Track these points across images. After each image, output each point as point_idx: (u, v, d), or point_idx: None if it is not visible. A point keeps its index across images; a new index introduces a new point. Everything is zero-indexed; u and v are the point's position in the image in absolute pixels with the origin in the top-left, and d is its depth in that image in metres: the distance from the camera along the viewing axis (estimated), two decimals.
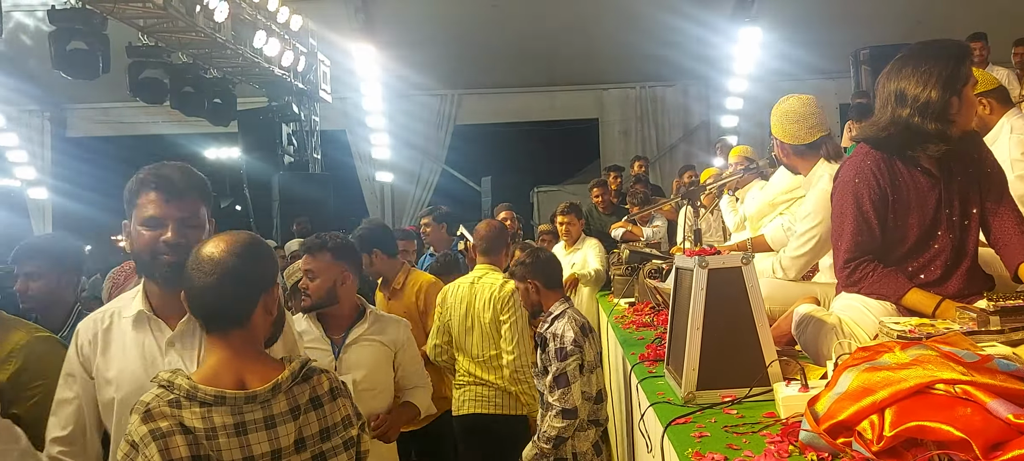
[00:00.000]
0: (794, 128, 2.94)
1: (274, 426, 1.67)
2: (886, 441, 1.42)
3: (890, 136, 2.25)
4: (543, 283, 3.45)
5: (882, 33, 8.94)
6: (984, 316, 1.85)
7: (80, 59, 6.95)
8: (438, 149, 12.45)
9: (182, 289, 1.75)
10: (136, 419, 1.60)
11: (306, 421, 1.73)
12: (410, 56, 11.01)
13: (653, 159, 11.72)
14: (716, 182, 4.72)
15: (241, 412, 1.65)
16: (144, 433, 1.58)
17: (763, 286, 2.13)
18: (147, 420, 1.59)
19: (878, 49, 8.19)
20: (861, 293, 2.28)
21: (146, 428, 1.58)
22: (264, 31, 8.77)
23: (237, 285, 1.71)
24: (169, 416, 1.60)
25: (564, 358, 3.24)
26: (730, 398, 2.01)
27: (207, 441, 1.61)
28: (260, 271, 1.76)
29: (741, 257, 2.07)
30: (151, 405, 1.61)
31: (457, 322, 3.94)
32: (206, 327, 1.75)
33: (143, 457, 1.57)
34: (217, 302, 1.70)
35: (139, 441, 1.58)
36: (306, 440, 1.73)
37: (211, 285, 1.69)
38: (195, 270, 1.71)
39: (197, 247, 1.76)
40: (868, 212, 2.27)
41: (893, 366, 1.51)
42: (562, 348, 3.26)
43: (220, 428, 1.62)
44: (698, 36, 10.49)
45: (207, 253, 1.72)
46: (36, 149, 12.26)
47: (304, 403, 1.74)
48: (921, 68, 2.20)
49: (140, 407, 1.61)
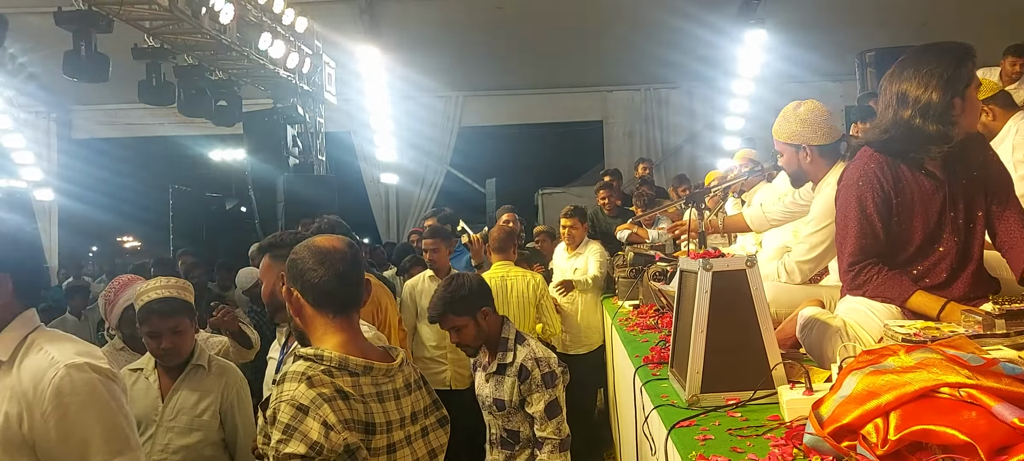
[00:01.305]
0: (822, 130, 2.85)
1: (399, 398, 1.87)
2: (891, 445, 1.41)
3: (892, 139, 2.24)
4: (491, 309, 3.18)
5: (888, 35, 8.93)
6: (990, 319, 1.84)
7: (88, 62, 6.97)
8: (443, 151, 12.46)
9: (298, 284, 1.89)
10: (298, 386, 1.70)
11: (415, 398, 1.93)
12: (415, 58, 11.02)
13: (658, 161, 11.72)
14: (721, 185, 4.71)
15: (379, 383, 1.83)
16: (313, 396, 1.69)
17: (768, 289, 2.12)
18: (312, 386, 1.70)
19: (884, 51, 8.18)
20: (866, 296, 2.27)
21: (314, 392, 1.69)
22: (269, 33, 8.79)
23: (359, 270, 1.93)
24: (328, 383, 1.73)
25: (553, 383, 3.05)
26: (734, 401, 2.01)
27: (361, 405, 1.76)
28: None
29: (745, 260, 2.06)
30: (308, 373, 1.73)
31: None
32: (339, 310, 1.88)
33: (315, 417, 1.66)
34: (351, 286, 1.90)
35: (309, 403, 1.67)
36: (417, 414, 1.92)
37: (346, 272, 1.88)
38: (326, 260, 1.87)
39: (316, 242, 1.91)
40: (872, 215, 2.26)
41: (898, 369, 1.51)
42: (551, 372, 3.07)
43: (368, 395, 1.79)
44: (703, 38, 10.46)
45: (333, 246, 1.90)
46: (42, 150, 12.30)
47: (413, 381, 1.95)
48: (923, 70, 2.19)
49: (295, 376, 1.72)
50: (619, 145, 12.43)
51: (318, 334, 1.88)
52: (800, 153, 2.90)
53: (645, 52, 10.80)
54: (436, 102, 12.36)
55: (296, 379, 1.72)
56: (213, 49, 8.50)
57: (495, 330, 3.18)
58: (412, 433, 1.87)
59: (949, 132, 2.17)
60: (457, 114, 12.42)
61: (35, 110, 12.13)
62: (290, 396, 1.69)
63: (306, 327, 1.91)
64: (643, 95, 12.40)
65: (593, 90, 12.48)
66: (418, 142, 12.30)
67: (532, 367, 3.06)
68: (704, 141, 12.24)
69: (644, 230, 6.54)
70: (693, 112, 12.35)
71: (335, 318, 1.88)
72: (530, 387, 3.05)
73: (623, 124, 12.49)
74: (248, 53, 8.66)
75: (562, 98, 12.58)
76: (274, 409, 1.69)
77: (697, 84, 12.14)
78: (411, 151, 12.32)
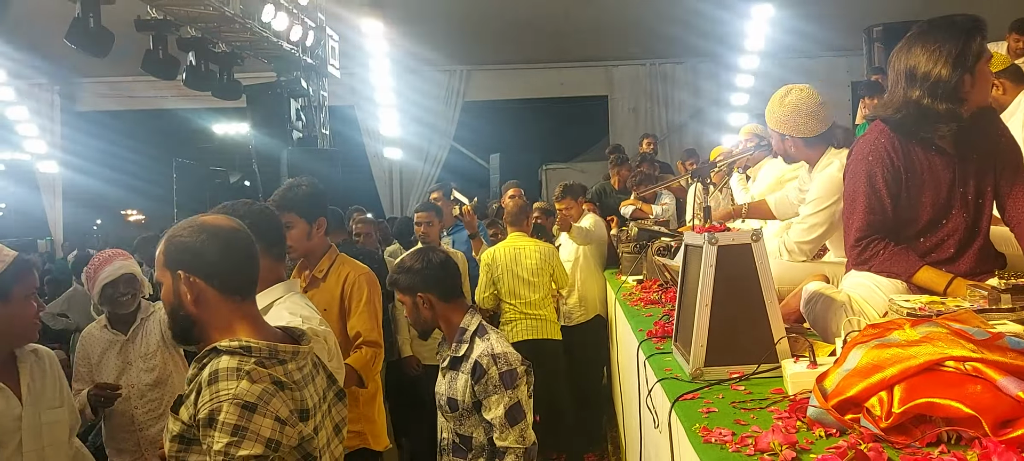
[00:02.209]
0: (807, 122, 2.85)
1: (314, 379, 1.81)
2: (895, 417, 1.42)
3: (903, 118, 2.22)
4: (438, 295, 2.78)
5: (894, 8, 8.81)
6: (995, 294, 1.84)
7: (94, 33, 6.93)
8: (447, 125, 12.42)
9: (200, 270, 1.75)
10: (240, 383, 1.59)
11: (319, 376, 1.86)
12: (419, 31, 10.95)
13: (662, 137, 11.66)
14: (726, 160, 4.69)
15: (301, 367, 1.77)
16: (260, 391, 1.60)
17: (772, 266, 2.12)
18: (253, 381, 1.60)
19: (890, 25, 8.11)
20: (872, 271, 2.26)
21: (260, 387, 1.60)
22: (272, 5, 8.72)
23: (257, 249, 1.85)
24: (265, 376, 1.63)
25: (514, 383, 2.66)
26: (738, 374, 2.01)
27: (298, 393, 1.70)
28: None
29: (751, 234, 2.06)
30: (243, 367, 1.62)
31: (508, 277, 5.22)
32: (248, 293, 1.80)
33: (266, 414, 1.58)
34: (257, 267, 1.83)
35: (256, 400, 1.58)
36: (325, 392, 1.85)
37: (254, 252, 1.82)
38: (232, 240, 1.78)
39: (207, 222, 1.79)
40: (881, 190, 2.24)
41: (903, 343, 1.51)
42: (511, 370, 2.67)
43: (298, 382, 1.73)
44: (709, 13, 10.36)
45: (229, 224, 1.81)
46: (46, 123, 12.29)
47: (313, 360, 1.86)
48: (930, 46, 2.16)
49: (231, 373, 1.60)
50: (624, 120, 12.38)
51: (223, 324, 1.74)
52: (785, 141, 2.94)
53: (650, 27, 10.72)
54: (440, 76, 12.31)
55: (233, 376, 1.60)
56: (216, 21, 8.44)
57: (449, 317, 2.80)
58: (323, 411, 1.81)
59: (958, 110, 2.15)
60: (461, 88, 12.37)
61: (38, 82, 12.10)
62: (233, 394, 1.58)
63: (207, 316, 1.74)
64: (648, 70, 12.33)
65: (598, 65, 12.41)
66: (422, 116, 12.25)
67: (488, 364, 2.66)
68: (709, 117, 12.18)
69: (648, 206, 6.54)
70: (698, 88, 12.28)
71: (243, 303, 1.78)
72: (486, 388, 2.66)
73: (628, 99, 12.42)
74: (251, 25, 8.61)
75: (567, 73, 12.51)
76: (212, 411, 1.57)
77: (702, 59, 12.05)
78: (415, 125, 12.28)
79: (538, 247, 5.38)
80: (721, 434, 1.59)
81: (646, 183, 6.54)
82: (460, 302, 2.84)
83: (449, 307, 2.79)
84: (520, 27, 11.08)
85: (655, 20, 10.43)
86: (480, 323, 2.79)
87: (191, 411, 1.64)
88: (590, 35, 11.42)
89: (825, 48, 10.99)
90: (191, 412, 1.64)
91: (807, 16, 10.26)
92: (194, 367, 1.70)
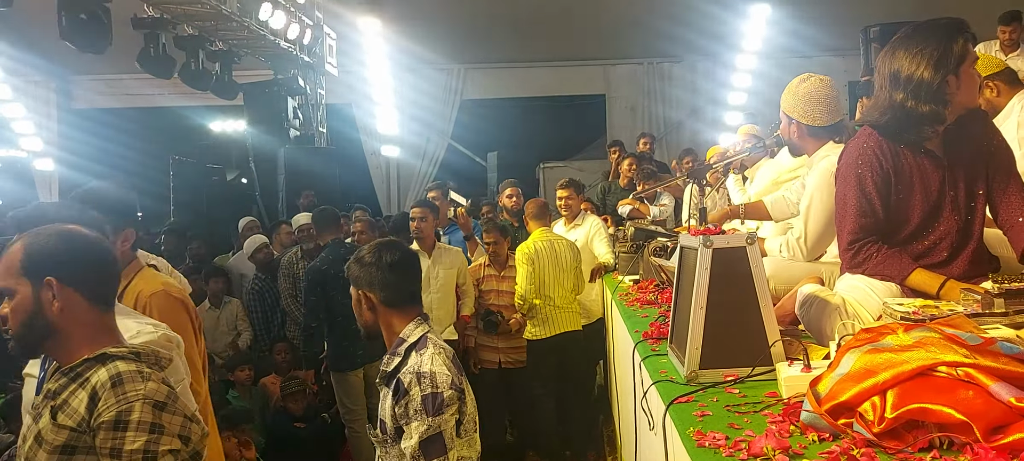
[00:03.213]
0: (817, 110, 2.86)
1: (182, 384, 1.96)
2: (887, 423, 1.42)
3: (889, 121, 2.23)
4: (381, 298, 2.39)
5: (892, 9, 8.82)
6: (989, 298, 1.84)
7: (88, 30, 6.90)
8: (444, 124, 12.40)
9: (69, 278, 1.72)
10: (146, 384, 1.64)
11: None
12: (417, 30, 10.94)
13: (660, 136, 11.67)
14: (722, 160, 4.70)
15: (169, 375, 1.81)
16: (166, 391, 1.67)
17: (768, 265, 2.13)
18: (157, 382, 1.67)
19: (887, 26, 8.09)
20: (865, 274, 2.27)
21: (166, 388, 1.67)
22: (270, 3, 8.72)
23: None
24: (158, 378, 1.69)
25: (438, 410, 2.20)
26: (733, 377, 2.02)
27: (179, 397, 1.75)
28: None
29: (746, 237, 2.06)
30: (140, 370, 1.67)
31: (552, 268, 5.31)
32: (111, 303, 1.80)
33: (175, 412, 1.65)
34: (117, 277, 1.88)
35: (165, 399, 1.65)
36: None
37: (116, 261, 1.85)
38: (98, 248, 1.78)
39: (71, 229, 1.79)
40: (871, 193, 2.25)
41: (896, 348, 1.52)
42: (436, 393, 2.20)
43: (172, 386, 1.75)
44: (707, 12, 10.37)
45: (94, 233, 1.83)
46: (42, 120, 12.24)
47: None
48: (913, 49, 2.17)
49: (132, 375, 1.65)
50: (621, 119, 12.37)
51: (89, 334, 1.71)
52: (791, 126, 2.94)
53: (648, 26, 10.72)
54: (438, 75, 12.29)
55: (137, 378, 1.63)
56: (213, 19, 8.43)
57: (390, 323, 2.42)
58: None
59: (942, 111, 2.15)
60: (459, 87, 12.35)
61: (34, 79, 12.06)
62: (143, 394, 1.61)
63: (71, 327, 1.69)
64: (646, 69, 12.32)
65: (596, 63, 12.40)
66: (419, 115, 12.24)
67: (411, 384, 2.23)
68: (706, 116, 12.18)
69: (645, 206, 6.54)
70: (696, 87, 12.28)
71: (106, 313, 1.76)
72: (406, 411, 2.22)
73: (625, 98, 12.43)
74: (248, 23, 8.59)
75: (564, 71, 12.50)
76: (120, 412, 1.57)
77: (700, 58, 12.05)
78: (412, 124, 12.26)
79: (567, 241, 5.56)
80: (715, 438, 1.60)
81: (652, 179, 6.57)
82: (408, 310, 2.42)
83: (392, 313, 2.40)
84: (518, 26, 11.07)
85: (653, 19, 10.43)
86: (424, 335, 2.36)
87: (79, 417, 1.61)
88: (588, 34, 11.43)
89: (822, 48, 10.99)
90: (80, 418, 1.61)
91: (804, 16, 10.28)
92: (61, 378, 1.68)
